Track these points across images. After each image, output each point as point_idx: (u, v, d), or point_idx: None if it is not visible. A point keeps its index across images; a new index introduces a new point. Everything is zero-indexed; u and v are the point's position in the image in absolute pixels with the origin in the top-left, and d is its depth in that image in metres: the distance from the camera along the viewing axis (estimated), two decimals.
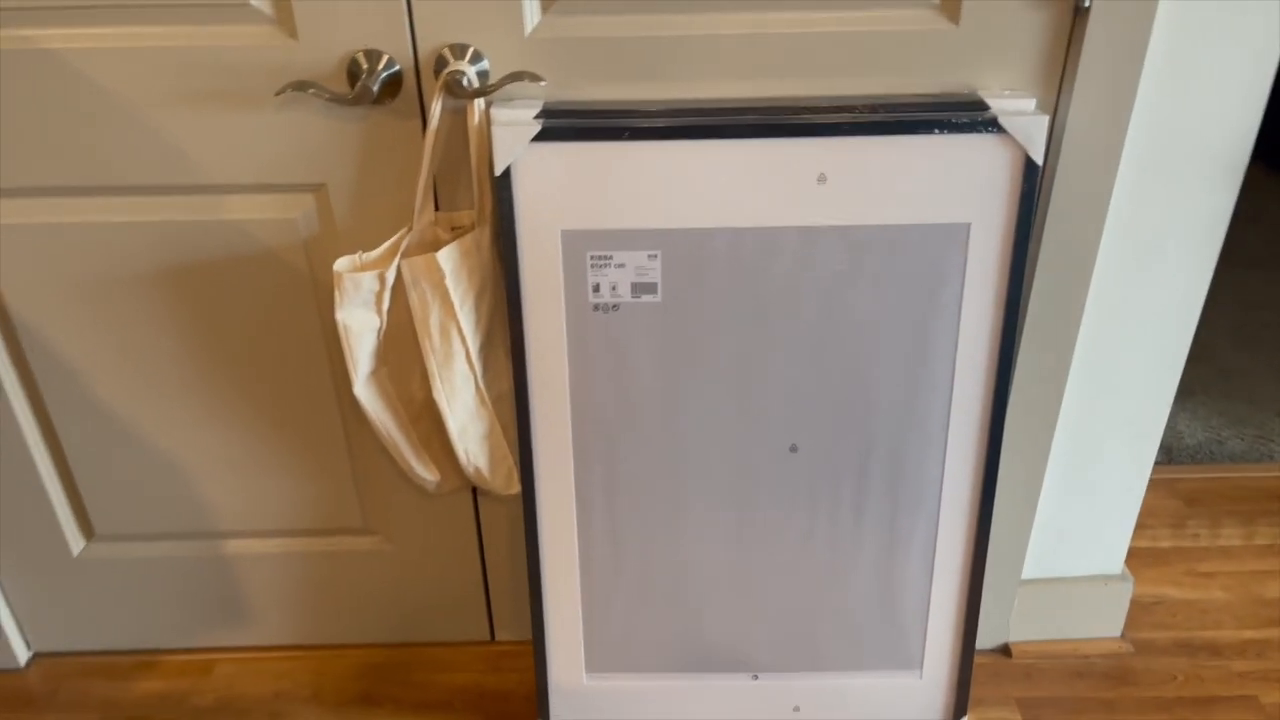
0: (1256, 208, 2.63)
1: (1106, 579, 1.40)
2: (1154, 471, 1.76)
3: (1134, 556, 1.57)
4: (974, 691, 1.36)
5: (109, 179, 1.07)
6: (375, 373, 1.11)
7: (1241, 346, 2.11)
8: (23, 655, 1.42)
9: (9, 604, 1.39)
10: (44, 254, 1.11)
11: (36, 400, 1.22)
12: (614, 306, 1.06)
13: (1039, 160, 0.98)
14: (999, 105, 0.99)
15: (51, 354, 1.18)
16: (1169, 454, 1.81)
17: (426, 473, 1.19)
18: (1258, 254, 2.43)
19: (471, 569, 1.37)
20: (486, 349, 1.12)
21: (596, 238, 1.03)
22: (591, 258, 1.04)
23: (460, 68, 0.99)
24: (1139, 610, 1.48)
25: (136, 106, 1.03)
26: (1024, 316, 1.15)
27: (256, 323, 1.17)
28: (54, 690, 1.39)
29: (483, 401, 1.13)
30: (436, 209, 1.09)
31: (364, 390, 1.10)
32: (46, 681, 1.41)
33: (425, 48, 1.00)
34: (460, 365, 1.09)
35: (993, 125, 0.98)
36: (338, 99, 0.99)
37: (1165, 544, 1.61)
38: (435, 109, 1.00)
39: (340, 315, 1.05)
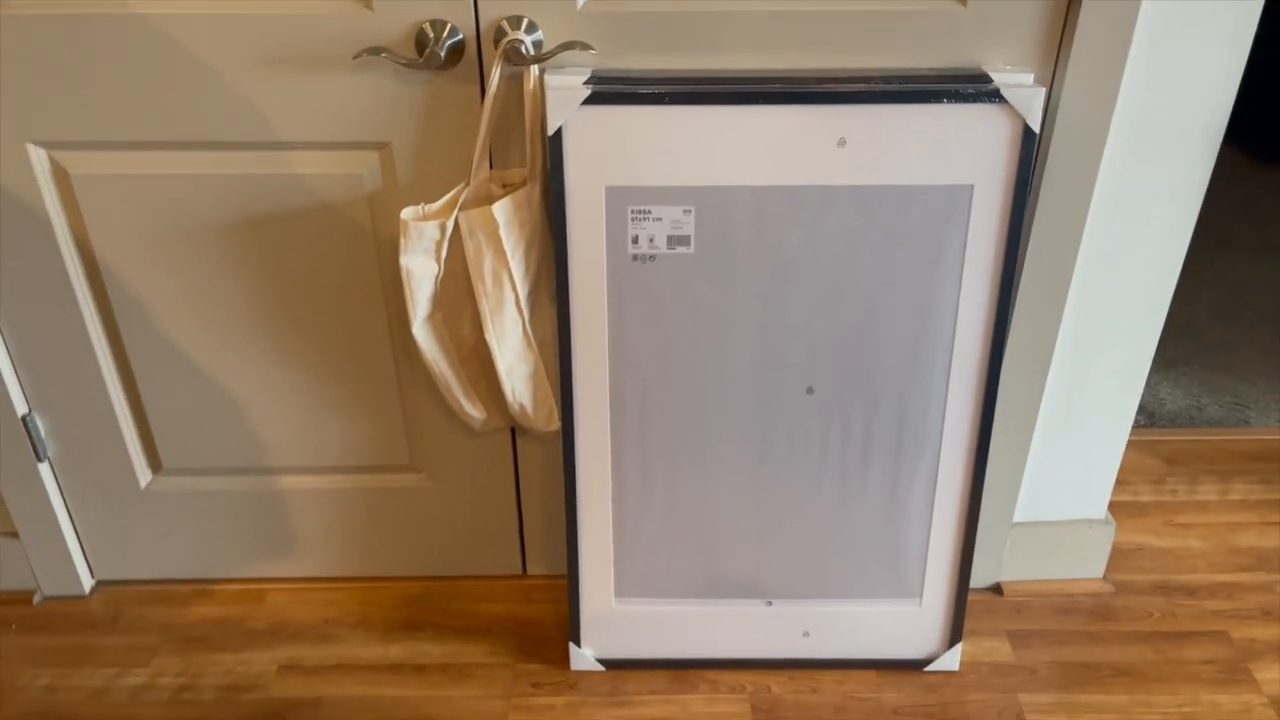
0: (1242, 197, 2.76)
1: (1091, 523, 1.52)
2: (1137, 433, 1.88)
3: (1117, 509, 1.69)
4: (968, 624, 1.48)
5: (192, 134, 1.18)
6: (431, 316, 1.22)
7: (1224, 323, 2.24)
8: (87, 583, 1.53)
9: (77, 534, 1.50)
10: (129, 202, 1.22)
11: (115, 340, 1.33)
12: (651, 257, 1.18)
13: (1036, 128, 1.10)
14: (1001, 79, 1.11)
15: (130, 296, 1.29)
16: (1152, 418, 1.94)
17: (474, 410, 1.30)
18: (1242, 239, 2.55)
19: (508, 507, 1.48)
20: (534, 295, 1.23)
21: (637, 193, 1.14)
22: (632, 212, 1.15)
23: (518, 37, 1.10)
24: (1120, 556, 1.61)
25: (221, 68, 1.13)
26: (1020, 273, 1.26)
27: (320, 271, 1.28)
28: (116, 615, 1.51)
29: (529, 344, 1.24)
30: (491, 167, 1.20)
31: (421, 331, 1.22)
32: (108, 607, 1.52)
33: (486, 19, 1.11)
34: (510, 310, 1.20)
35: (995, 96, 1.09)
36: (408, 64, 1.10)
37: (1146, 498, 1.73)
38: (495, 75, 1.11)
39: (404, 260, 1.16)
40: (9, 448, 1.39)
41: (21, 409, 1.37)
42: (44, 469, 1.42)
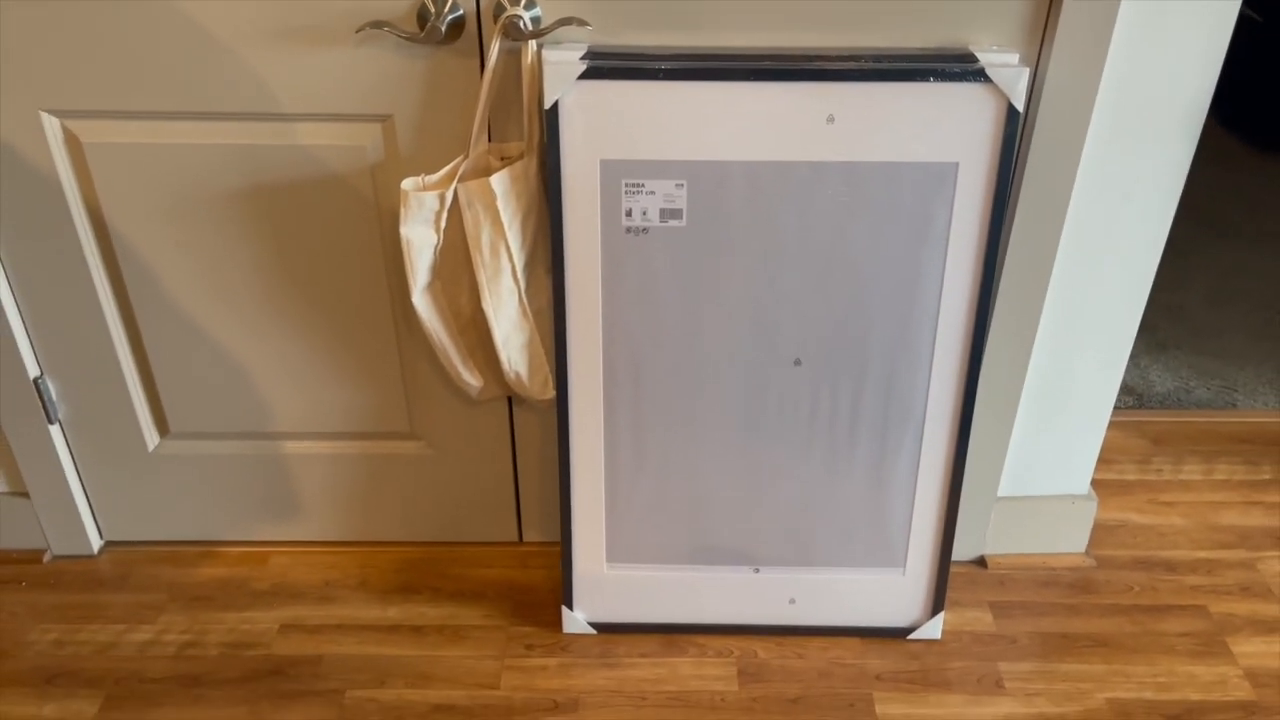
0: (1236, 182, 2.77)
1: (1074, 498, 1.55)
2: (1124, 414, 1.92)
3: (1101, 487, 1.72)
4: (951, 595, 1.52)
5: (201, 105, 1.21)
6: (430, 286, 1.26)
7: (1216, 308, 2.26)
8: (96, 543, 1.58)
9: (86, 495, 1.54)
10: (139, 170, 1.26)
11: (125, 305, 1.37)
12: (644, 230, 1.21)
13: (1020, 107, 1.13)
14: (986, 59, 1.14)
15: (140, 263, 1.33)
16: (1140, 399, 1.97)
17: (471, 379, 1.34)
18: (1235, 225, 2.57)
19: (504, 474, 1.52)
20: (530, 266, 1.26)
21: (631, 167, 1.17)
22: (626, 185, 1.18)
23: (517, 13, 1.13)
24: (1103, 532, 1.64)
25: (229, 40, 1.17)
26: (1004, 251, 1.29)
27: (323, 241, 1.31)
28: (124, 575, 1.55)
29: (525, 314, 1.28)
30: (489, 140, 1.23)
31: (420, 300, 1.25)
32: (117, 567, 1.56)
33: None
34: (507, 280, 1.24)
35: (980, 75, 1.12)
36: (410, 38, 1.13)
37: (1131, 477, 1.77)
38: (494, 49, 1.14)
39: (404, 230, 1.19)
40: (21, 410, 1.43)
41: (34, 372, 1.41)
42: (54, 431, 1.46)
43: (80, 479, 1.52)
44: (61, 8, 1.15)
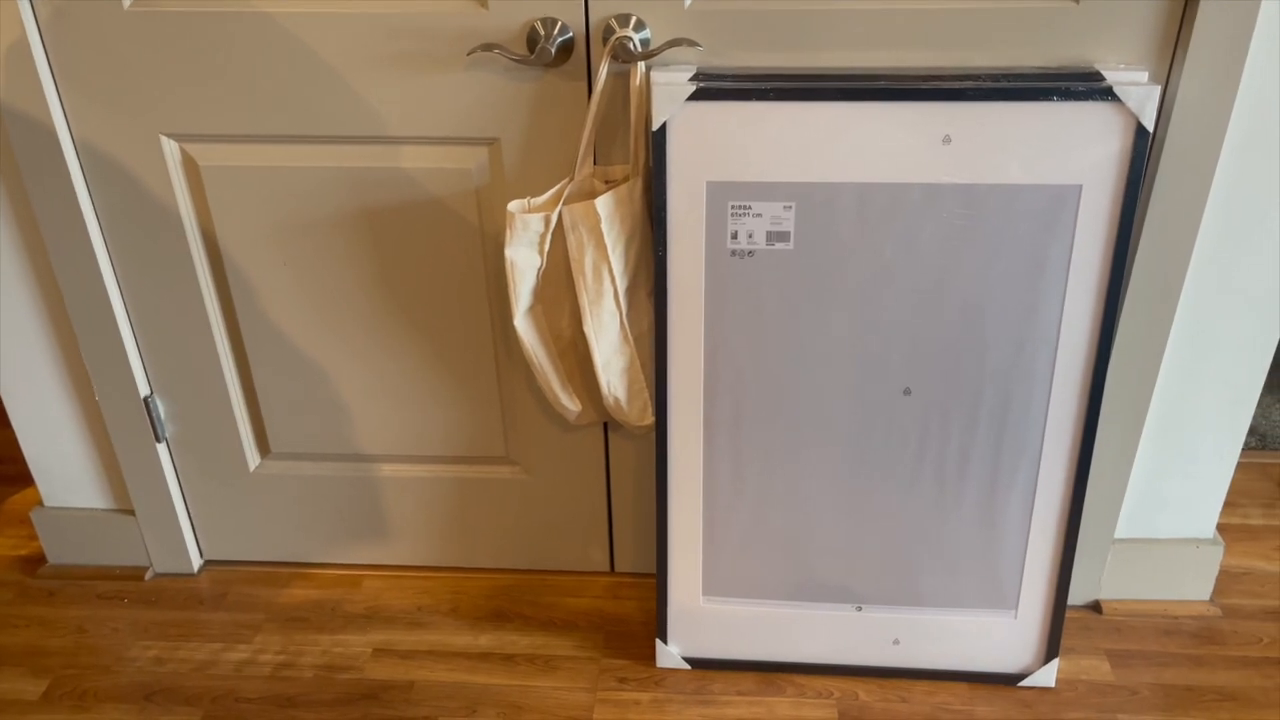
0: None
1: (1198, 542, 1.46)
2: (1248, 456, 1.81)
3: (1225, 532, 1.62)
4: (1064, 642, 1.44)
5: (312, 128, 1.23)
6: (532, 308, 1.25)
7: None
8: (196, 562, 1.60)
9: (189, 514, 1.56)
10: (251, 193, 1.28)
11: (233, 326, 1.39)
12: (750, 253, 1.18)
13: (1150, 127, 1.08)
14: (1114, 76, 1.09)
15: (248, 284, 1.35)
16: (1263, 441, 1.86)
17: (570, 403, 1.32)
18: None
19: (598, 503, 1.50)
20: (632, 290, 1.25)
21: (738, 189, 1.15)
22: (732, 207, 1.16)
23: (626, 34, 1.13)
24: (1228, 579, 1.54)
25: (342, 64, 1.19)
26: (1129, 278, 1.23)
27: (426, 263, 1.32)
28: (222, 594, 1.57)
29: (626, 338, 1.26)
30: (595, 163, 1.22)
31: (523, 323, 1.24)
32: (215, 585, 1.58)
33: (596, 16, 1.14)
34: (609, 303, 1.23)
35: (1108, 94, 1.07)
36: (520, 60, 1.13)
37: (1256, 521, 1.66)
38: (602, 71, 1.13)
39: (509, 252, 1.19)
40: (131, 427, 1.46)
41: (144, 390, 1.44)
42: (161, 450, 1.49)
43: (184, 498, 1.55)
44: (182, 35, 1.18)
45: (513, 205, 1.17)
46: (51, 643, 1.48)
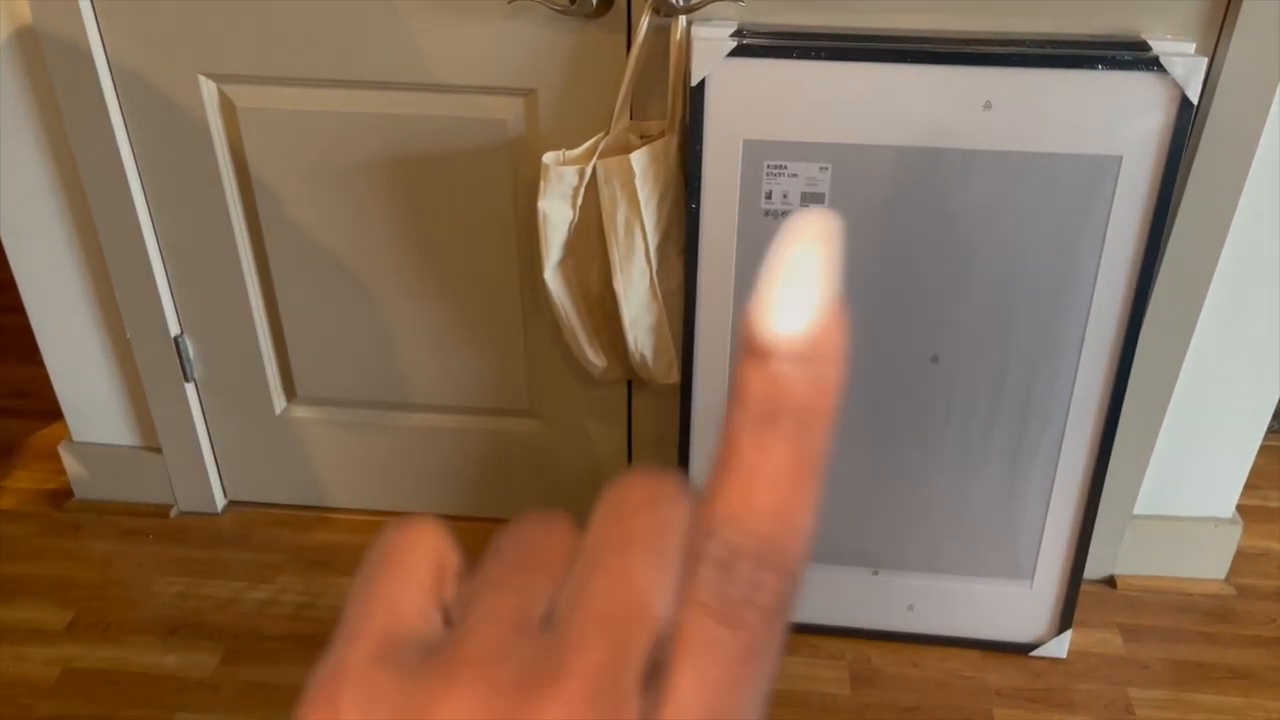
0: None
1: (1216, 521, 1.47)
2: (1270, 439, 1.80)
3: (1244, 512, 1.62)
4: (1078, 614, 1.45)
5: (350, 73, 1.23)
6: (562, 262, 1.25)
7: None
8: (220, 502, 1.62)
9: (214, 454, 1.58)
10: (288, 136, 1.29)
11: (264, 269, 1.40)
12: (783, 213, 1.18)
13: (1194, 100, 1.07)
14: (1160, 47, 1.08)
15: (281, 227, 1.36)
16: None
17: (596, 358, 1.33)
18: None
19: (618, 458, 1.51)
20: (663, 247, 1.25)
21: (774, 148, 1.15)
22: (768, 166, 1.16)
23: None
24: (1244, 560, 1.54)
25: (384, 9, 1.18)
26: (1163, 253, 1.23)
27: (458, 213, 1.32)
28: (246, 534, 1.59)
29: (654, 295, 1.26)
30: (630, 118, 1.22)
31: (552, 276, 1.25)
32: (239, 526, 1.61)
33: None
34: (639, 260, 1.23)
35: (1153, 64, 1.06)
36: (561, 10, 1.13)
37: (1275, 504, 1.66)
38: (643, 24, 1.13)
39: (542, 204, 1.19)
40: (160, 367, 1.48)
41: (174, 330, 1.45)
42: (189, 389, 1.51)
43: (210, 438, 1.57)
44: None
45: (547, 157, 1.17)
46: (77, 575, 1.51)
